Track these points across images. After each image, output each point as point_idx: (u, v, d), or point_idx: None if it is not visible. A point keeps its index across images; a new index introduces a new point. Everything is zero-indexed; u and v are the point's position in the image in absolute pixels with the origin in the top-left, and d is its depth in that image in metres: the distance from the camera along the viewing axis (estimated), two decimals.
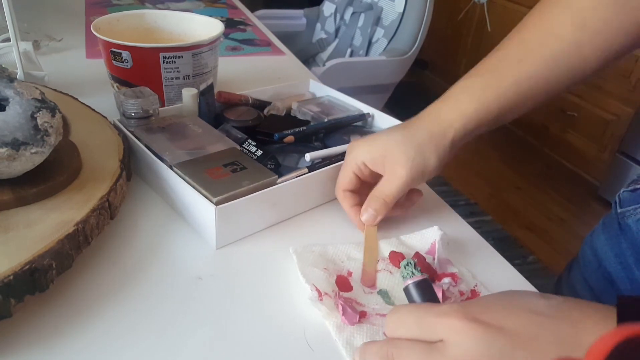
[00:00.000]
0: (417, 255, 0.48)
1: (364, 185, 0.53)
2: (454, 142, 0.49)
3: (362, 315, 0.42)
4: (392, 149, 0.49)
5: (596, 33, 0.46)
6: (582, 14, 0.46)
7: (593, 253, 0.57)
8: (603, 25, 0.45)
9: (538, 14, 0.49)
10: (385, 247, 0.50)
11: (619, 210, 0.53)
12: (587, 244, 0.59)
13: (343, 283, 0.45)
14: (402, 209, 0.54)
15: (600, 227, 0.57)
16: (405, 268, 0.46)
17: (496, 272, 0.50)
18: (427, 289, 0.36)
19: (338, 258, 0.48)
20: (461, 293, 0.45)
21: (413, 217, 0.57)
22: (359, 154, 0.51)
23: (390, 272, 0.47)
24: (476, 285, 0.47)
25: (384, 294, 0.45)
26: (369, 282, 0.46)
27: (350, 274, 0.47)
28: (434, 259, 0.48)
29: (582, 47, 0.46)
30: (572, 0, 0.47)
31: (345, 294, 0.44)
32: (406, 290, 0.36)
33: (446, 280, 0.45)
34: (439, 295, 0.43)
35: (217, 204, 0.46)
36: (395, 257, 0.48)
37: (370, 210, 0.50)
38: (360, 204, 0.52)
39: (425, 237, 0.51)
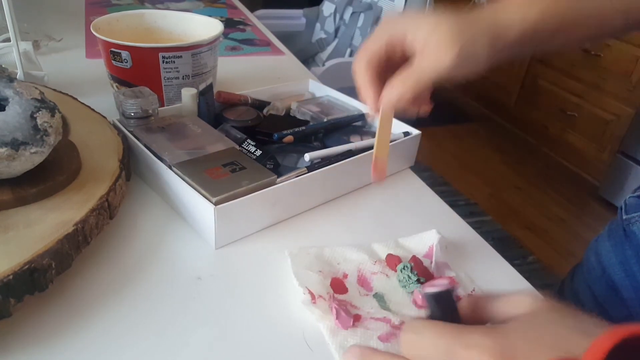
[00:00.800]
0: (414, 258, 0.47)
1: (382, 71, 0.43)
2: (504, 48, 0.42)
3: (357, 318, 0.42)
4: (443, 27, 0.40)
5: None
6: None
7: (597, 260, 0.56)
8: None
9: None
10: (383, 250, 0.50)
11: (624, 217, 0.52)
12: (592, 250, 0.58)
13: (338, 285, 0.45)
14: (418, 106, 0.45)
15: (605, 232, 0.56)
16: (401, 272, 0.46)
17: (496, 272, 0.50)
18: (450, 303, 0.32)
19: (334, 260, 0.48)
20: (458, 298, 0.45)
21: (412, 217, 0.57)
22: (402, 22, 0.42)
23: (386, 275, 0.47)
24: (474, 290, 0.47)
25: (379, 298, 0.45)
26: (379, 175, 0.42)
27: (345, 276, 0.46)
28: (431, 262, 0.48)
29: None
30: None
31: (340, 297, 0.44)
32: (428, 297, 0.32)
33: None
34: None
35: (216, 203, 0.46)
36: (392, 261, 0.48)
37: (399, 89, 0.40)
38: (379, 85, 0.43)
39: (423, 240, 0.51)
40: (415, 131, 0.66)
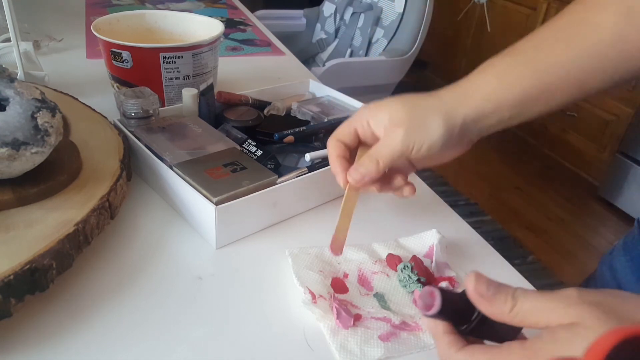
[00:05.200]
0: (415, 258, 0.47)
1: (355, 151, 0.48)
2: (467, 119, 0.43)
3: (357, 318, 0.42)
4: (397, 111, 0.44)
5: None
6: (632, 2, 0.40)
7: (612, 275, 0.54)
8: None
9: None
10: (383, 249, 0.50)
11: None
12: (605, 263, 0.56)
13: (339, 285, 0.45)
14: (391, 189, 0.48)
15: (620, 246, 0.54)
16: (402, 271, 0.46)
17: (496, 272, 0.50)
18: (453, 304, 0.31)
19: (335, 260, 0.48)
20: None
21: (412, 217, 0.57)
22: (366, 111, 0.46)
23: (387, 275, 0.47)
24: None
25: (380, 298, 0.45)
26: (336, 249, 0.43)
27: (346, 275, 0.46)
28: (431, 262, 0.48)
29: (625, 41, 0.40)
30: None
31: (341, 296, 0.44)
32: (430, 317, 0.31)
33: (443, 284, 0.45)
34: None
35: (217, 203, 0.46)
36: (393, 260, 0.48)
37: (361, 169, 0.44)
38: (349, 161, 0.46)
39: (423, 240, 0.51)
40: None
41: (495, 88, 0.43)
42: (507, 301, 0.30)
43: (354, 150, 0.48)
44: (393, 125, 0.44)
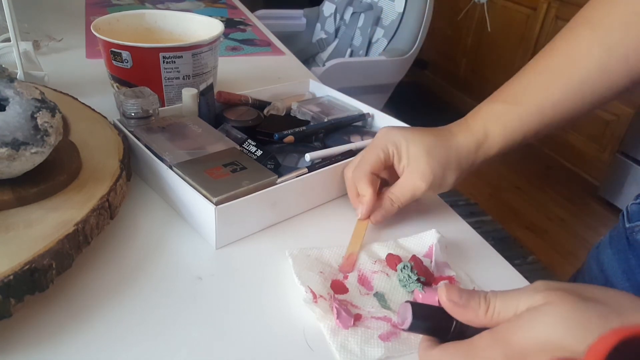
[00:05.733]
0: (414, 258, 0.47)
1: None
2: (474, 164, 0.51)
3: (357, 318, 0.42)
4: (421, 156, 0.50)
5: (623, 56, 0.44)
6: (610, 36, 0.45)
7: (599, 268, 0.55)
8: (630, 47, 0.44)
9: (564, 37, 0.48)
10: (383, 249, 0.50)
11: (627, 225, 0.51)
12: (593, 257, 0.57)
13: (338, 286, 0.45)
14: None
15: (607, 240, 0.55)
16: (402, 271, 0.46)
17: (496, 272, 0.50)
18: (427, 316, 0.33)
19: (334, 261, 0.48)
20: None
21: (412, 217, 0.57)
22: (388, 142, 0.51)
23: (387, 274, 0.47)
24: (474, 289, 0.47)
25: (380, 297, 0.45)
26: (347, 269, 0.47)
27: (346, 276, 0.46)
28: (431, 262, 0.48)
29: (609, 71, 0.45)
30: (599, 22, 0.46)
31: (341, 297, 0.44)
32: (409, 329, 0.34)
33: (442, 284, 0.45)
34: (435, 298, 0.43)
35: (217, 204, 0.46)
36: (392, 260, 0.48)
37: (384, 213, 0.52)
38: (376, 196, 0.52)
39: (423, 240, 0.51)
40: None
41: (500, 135, 0.50)
42: (480, 305, 0.32)
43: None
44: (415, 173, 0.50)
